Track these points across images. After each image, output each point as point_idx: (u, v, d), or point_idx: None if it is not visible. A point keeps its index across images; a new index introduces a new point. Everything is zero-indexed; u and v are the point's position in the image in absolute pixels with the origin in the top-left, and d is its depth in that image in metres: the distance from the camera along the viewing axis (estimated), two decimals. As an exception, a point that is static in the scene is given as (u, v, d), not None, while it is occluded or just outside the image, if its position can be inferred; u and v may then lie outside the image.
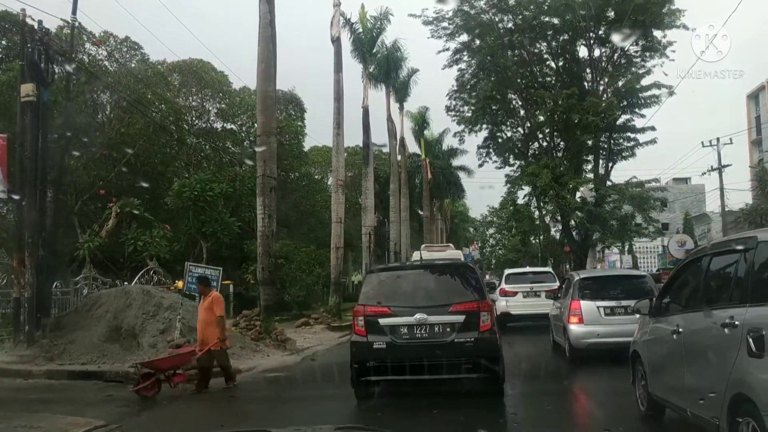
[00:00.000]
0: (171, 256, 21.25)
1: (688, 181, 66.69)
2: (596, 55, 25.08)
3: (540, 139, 27.16)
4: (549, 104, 24.00)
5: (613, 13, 23.78)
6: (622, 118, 24.67)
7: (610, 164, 25.69)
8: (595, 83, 25.16)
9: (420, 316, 7.16)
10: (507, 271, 19.83)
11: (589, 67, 25.44)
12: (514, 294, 17.13)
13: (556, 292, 13.47)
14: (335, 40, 23.60)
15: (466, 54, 25.84)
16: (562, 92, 23.58)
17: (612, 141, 25.17)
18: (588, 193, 26.79)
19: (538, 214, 30.98)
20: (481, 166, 28.97)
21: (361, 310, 7.46)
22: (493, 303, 10.40)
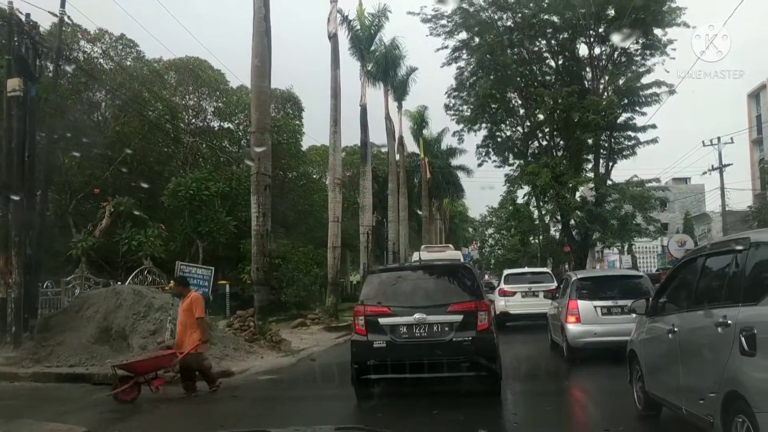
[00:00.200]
0: (167, 255, 20.97)
1: (688, 181, 66.57)
2: (596, 53, 24.94)
3: (540, 138, 26.98)
4: (549, 103, 23.76)
5: (614, 11, 23.59)
6: (623, 117, 24.46)
7: (611, 163, 25.51)
8: (596, 81, 24.95)
9: (419, 315, 7.30)
10: (506, 272, 20.10)
11: (589, 66, 25.27)
12: (512, 294, 17.43)
13: (554, 292, 13.70)
14: (332, 37, 23.36)
15: (465, 52, 25.68)
16: (562, 90, 23.35)
17: (612, 140, 24.95)
18: (588, 193, 26.60)
19: (538, 213, 30.80)
20: (481, 165, 28.87)
21: (361, 310, 7.61)
22: (491, 303, 10.60)
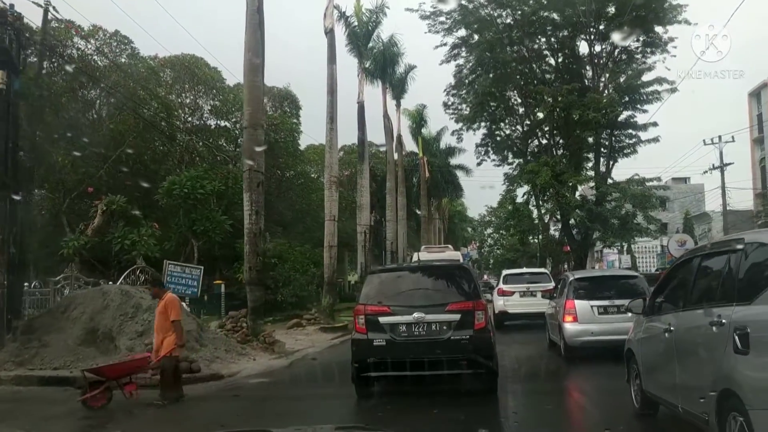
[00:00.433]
0: (161, 254, 20.65)
1: (688, 181, 66.27)
2: (597, 50, 24.64)
3: (539, 136, 26.67)
4: (549, 101, 23.46)
5: (614, 9, 23.31)
6: (624, 115, 24.16)
7: (612, 162, 25.20)
8: (596, 79, 24.68)
9: (418, 314, 7.43)
10: (504, 272, 20.22)
11: (589, 63, 25.01)
12: (511, 294, 17.62)
13: (552, 292, 13.89)
14: (328, 32, 23.04)
15: (464, 49, 25.39)
16: (562, 88, 23.04)
17: (613, 138, 24.67)
18: (588, 192, 26.33)
19: (537, 212, 30.50)
20: (480, 164, 28.61)
21: (361, 309, 7.76)
22: (489, 302, 10.81)
